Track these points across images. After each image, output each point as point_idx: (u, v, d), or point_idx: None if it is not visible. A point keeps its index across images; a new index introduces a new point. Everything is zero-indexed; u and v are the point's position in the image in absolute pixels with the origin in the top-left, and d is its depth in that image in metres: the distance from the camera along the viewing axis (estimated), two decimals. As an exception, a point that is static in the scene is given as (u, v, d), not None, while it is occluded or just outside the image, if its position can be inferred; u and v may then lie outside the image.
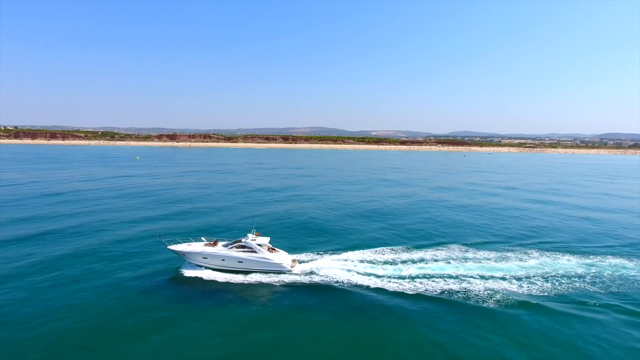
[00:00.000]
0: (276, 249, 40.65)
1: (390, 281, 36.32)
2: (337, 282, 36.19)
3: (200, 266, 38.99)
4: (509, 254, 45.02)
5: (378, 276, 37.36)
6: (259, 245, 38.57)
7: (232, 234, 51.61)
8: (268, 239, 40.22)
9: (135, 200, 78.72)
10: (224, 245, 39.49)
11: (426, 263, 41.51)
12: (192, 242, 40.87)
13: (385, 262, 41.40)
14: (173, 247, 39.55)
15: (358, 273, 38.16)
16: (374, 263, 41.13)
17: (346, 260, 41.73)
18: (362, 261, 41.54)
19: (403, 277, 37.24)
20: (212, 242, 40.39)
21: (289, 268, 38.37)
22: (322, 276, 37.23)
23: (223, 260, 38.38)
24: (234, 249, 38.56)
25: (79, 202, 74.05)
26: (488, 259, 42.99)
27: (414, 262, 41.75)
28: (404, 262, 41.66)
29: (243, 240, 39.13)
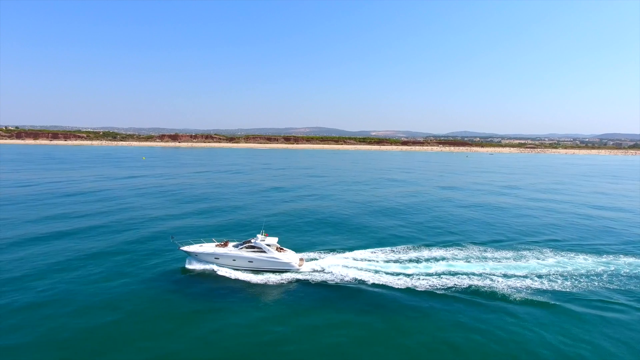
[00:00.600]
0: (284, 248, 40.80)
1: (405, 279, 36.18)
2: (346, 279, 36.08)
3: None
4: (525, 253, 44.98)
5: (393, 274, 37.13)
6: (268, 245, 38.83)
7: (243, 234, 51.31)
8: (276, 239, 40.49)
9: (154, 199, 78.90)
10: (234, 246, 39.81)
11: (444, 261, 41.35)
12: (203, 242, 41.24)
13: (391, 261, 41.26)
14: (185, 248, 39.91)
15: (362, 270, 38.19)
16: (384, 261, 40.81)
17: (353, 258, 41.51)
18: (369, 260, 41.26)
19: (430, 274, 37.42)
20: (222, 243, 40.62)
21: (297, 267, 38.50)
22: (331, 274, 37.23)
23: (234, 260, 38.53)
24: (244, 249, 38.87)
25: (100, 202, 74.42)
26: (507, 258, 42.93)
27: (418, 260, 41.51)
28: (413, 260, 41.49)
29: (252, 240, 39.41)
